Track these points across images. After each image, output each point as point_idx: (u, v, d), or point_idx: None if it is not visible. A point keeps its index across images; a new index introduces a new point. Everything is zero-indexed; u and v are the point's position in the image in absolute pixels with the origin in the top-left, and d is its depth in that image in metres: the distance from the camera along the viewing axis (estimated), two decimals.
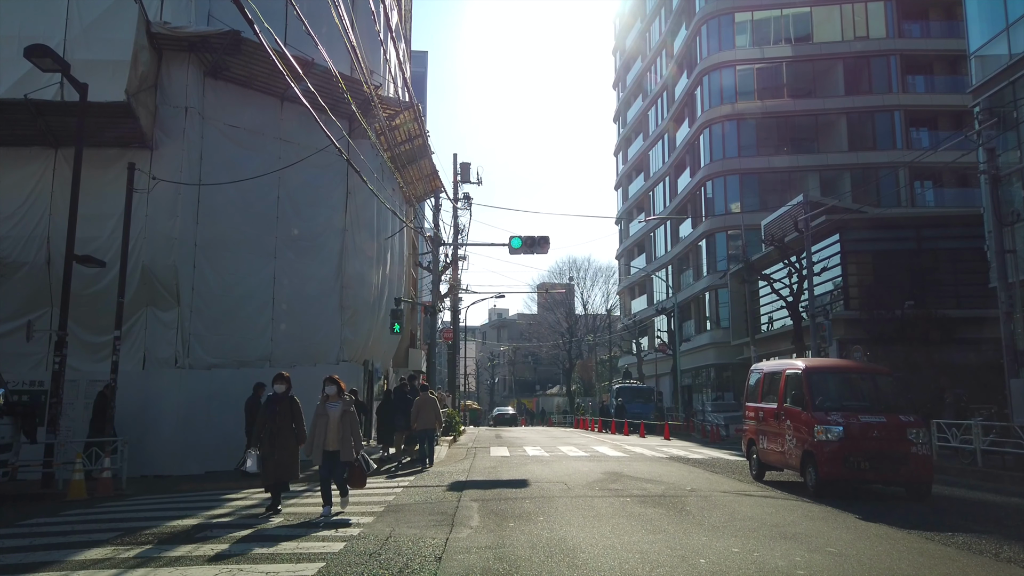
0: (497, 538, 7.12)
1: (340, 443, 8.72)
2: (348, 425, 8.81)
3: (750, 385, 13.30)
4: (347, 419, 8.85)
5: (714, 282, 39.98)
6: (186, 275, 15.36)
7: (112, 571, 5.92)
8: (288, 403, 9.17)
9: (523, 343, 77.06)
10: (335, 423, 8.75)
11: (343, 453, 8.74)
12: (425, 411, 15.22)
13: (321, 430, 8.73)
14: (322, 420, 8.78)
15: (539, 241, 22.61)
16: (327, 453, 8.71)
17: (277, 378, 9.33)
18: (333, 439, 8.70)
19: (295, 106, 17.77)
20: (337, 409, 8.80)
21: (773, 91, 41.78)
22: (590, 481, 11.95)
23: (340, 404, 8.87)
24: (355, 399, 18.32)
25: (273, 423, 9.02)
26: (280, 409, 9.10)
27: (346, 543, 6.93)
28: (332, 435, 8.69)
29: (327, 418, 8.77)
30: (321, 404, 8.93)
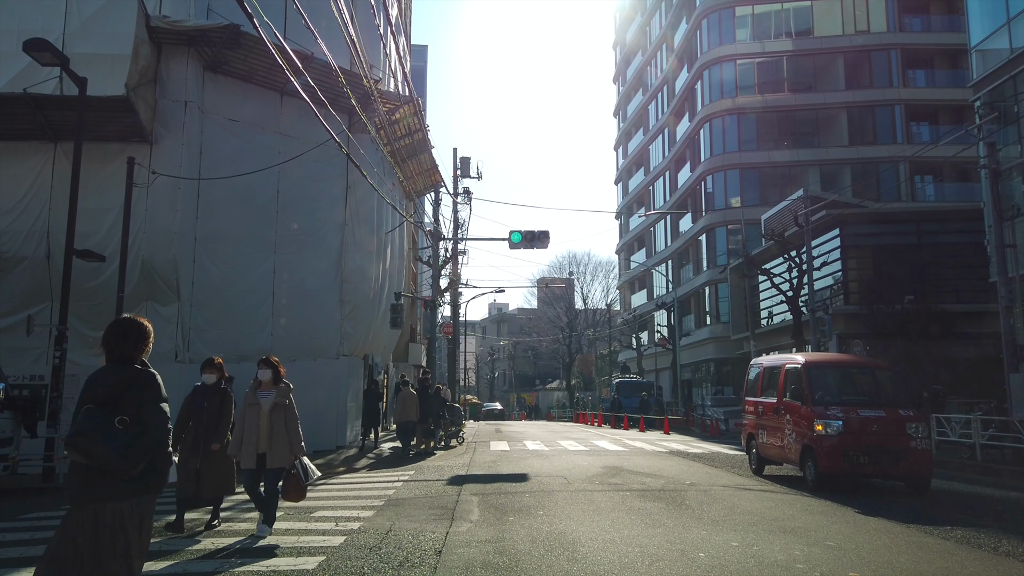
0: (497, 532, 7.14)
1: (270, 444, 7.05)
2: (282, 421, 7.09)
3: (750, 380, 13.32)
4: (280, 414, 7.11)
5: (714, 277, 39.97)
6: (186, 269, 15.38)
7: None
8: (219, 397, 7.63)
9: (523, 338, 77.13)
10: (266, 418, 7.10)
11: (271, 457, 7.04)
12: (408, 405, 16.39)
13: (251, 427, 7.12)
14: (251, 413, 7.15)
15: (539, 236, 22.62)
16: (257, 457, 7.08)
17: (206, 365, 7.83)
18: (264, 438, 7.06)
19: (295, 100, 17.78)
20: (269, 400, 7.14)
21: (773, 85, 41.69)
22: (590, 475, 11.97)
23: (274, 394, 7.20)
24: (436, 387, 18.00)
25: (200, 423, 7.51)
26: (209, 406, 7.56)
27: (346, 537, 6.95)
28: (263, 433, 7.06)
29: (257, 410, 7.13)
30: (251, 393, 7.28)
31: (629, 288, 58.79)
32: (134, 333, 3.75)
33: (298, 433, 7.13)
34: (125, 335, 3.74)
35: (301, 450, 7.12)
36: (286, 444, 7.06)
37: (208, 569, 5.83)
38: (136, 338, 3.74)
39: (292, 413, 7.21)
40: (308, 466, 7.14)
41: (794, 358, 11.97)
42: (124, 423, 3.48)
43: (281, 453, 7.05)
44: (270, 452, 7.05)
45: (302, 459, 7.09)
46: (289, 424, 7.11)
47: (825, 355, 11.94)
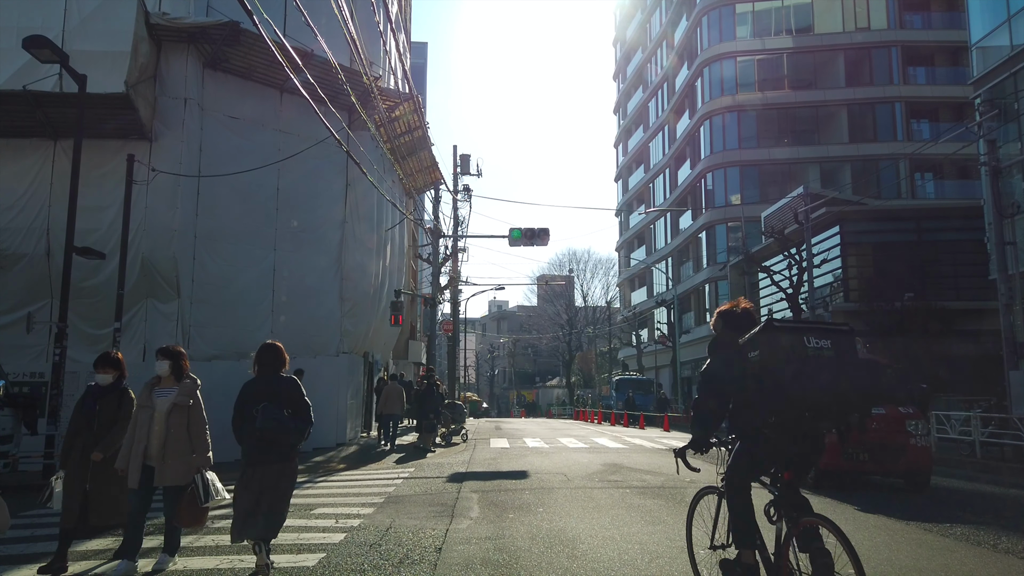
0: (497, 529, 7.15)
1: (163, 455, 5.61)
2: (183, 427, 5.71)
3: None
4: (181, 417, 5.71)
5: (714, 274, 39.98)
6: (186, 267, 15.39)
7: (115, 562, 5.93)
8: (115, 400, 6.06)
9: (523, 335, 77.17)
10: (161, 422, 5.66)
11: (161, 471, 5.61)
12: (392, 398, 17.25)
13: (141, 433, 5.66)
14: (143, 417, 5.70)
15: (539, 233, 22.64)
16: (145, 469, 5.63)
17: (100, 362, 6.14)
18: (155, 448, 5.63)
19: (294, 98, 17.76)
20: (168, 399, 5.72)
21: (774, 82, 41.67)
22: (590, 472, 11.98)
23: (175, 392, 5.77)
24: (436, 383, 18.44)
25: (90, 432, 5.94)
26: (102, 410, 5.96)
27: (346, 534, 6.96)
28: (155, 441, 5.64)
29: (150, 413, 5.70)
30: (145, 391, 5.82)
31: (629, 285, 58.80)
32: (280, 354, 5.81)
33: (205, 441, 5.82)
34: (276, 355, 5.77)
35: (206, 462, 5.73)
36: (185, 456, 5.65)
37: (208, 565, 5.84)
38: (281, 357, 5.80)
39: (198, 416, 5.83)
40: (212, 483, 5.62)
41: None
42: (290, 412, 5.47)
43: (176, 467, 5.59)
44: (161, 465, 5.58)
45: (205, 474, 5.63)
46: (193, 429, 5.74)
47: None
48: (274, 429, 5.34)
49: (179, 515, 5.60)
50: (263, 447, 5.42)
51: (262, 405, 5.42)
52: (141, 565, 5.78)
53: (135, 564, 5.66)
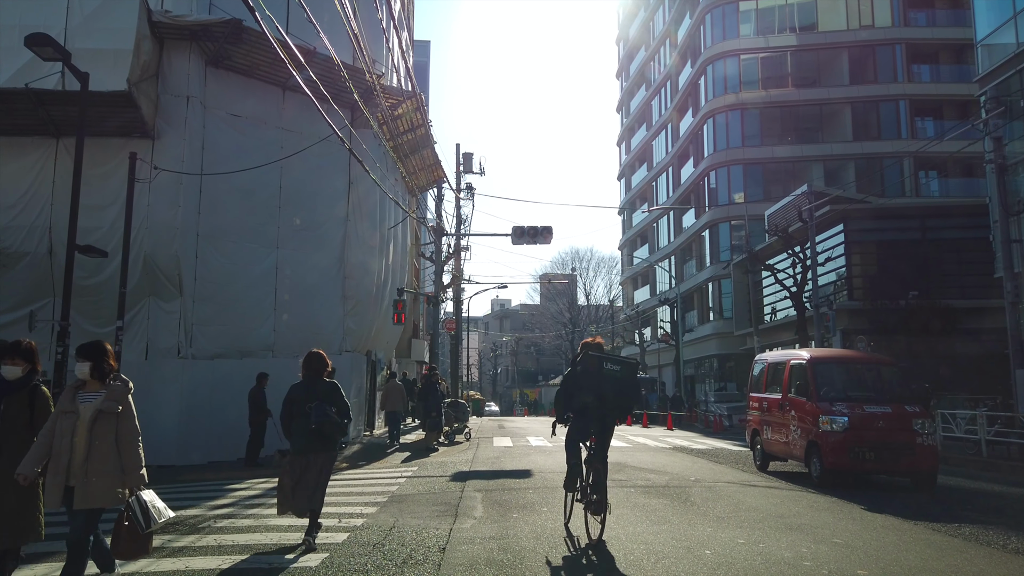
0: (501, 529, 7.10)
1: (85, 471, 4.55)
2: (110, 438, 4.64)
3: (754, 375, 13.26)
4: (108, 426, 4.64)
5: (717, 273, 39.89)
6: (188, 265, 15.33)
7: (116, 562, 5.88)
8: (25, 398, 4.88)
9: (525, 333, 77.13)
10: (84, 433, 4.61)
11: (81, 492, 4.54)
12: (393, 396, 17.64)
13: (62, 446, 4.60)
14: (64, 424, 4.63)
15: (542, 231, 22.59)
16: (66, 490, 4.59)
17: (8, 351, 4.89)
18: (77, 463, 4.58)
19: (297, 95, 17.69)
20: (92, 405, 4.64)
21: (777, 80, 41.53)
22: None
23: (101, 397, 4.68)
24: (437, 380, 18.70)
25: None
26: (8, 408, 4.81)
27: (349, 533, 6.91)
28: (77, 456, 4.59)
29: (73, 420, 4.64)
30: (66, 396, 4.76)
31: (632, 284, 58.71)
32: (324, 360, 6.88)
33: (137, 455, 4.73)
34: (320, 361, 6.82)
35: (140, 480, 4.70)
36: (113, 473, 4.60)
37: (210, 565, 5.79)
38: (324, 363, 6.87)
39: (129, 425, 4.72)
40: (151, 505, 4.70)
41: (799, 354, 11.91)
42: (334, 410, 6.50)
43: (102, 486, 4.56)
44: (82, 484, 4.54)
45: (140, 495, 4.67)
46: (123, 441, 4.65)
47: (830, 351, 11.88)
48: (326, 424, 6.41)
49: (116, 544, 4.75)
50: (313, 439, 6.45)
51: (315, 404, 6.45)
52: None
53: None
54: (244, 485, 11.24)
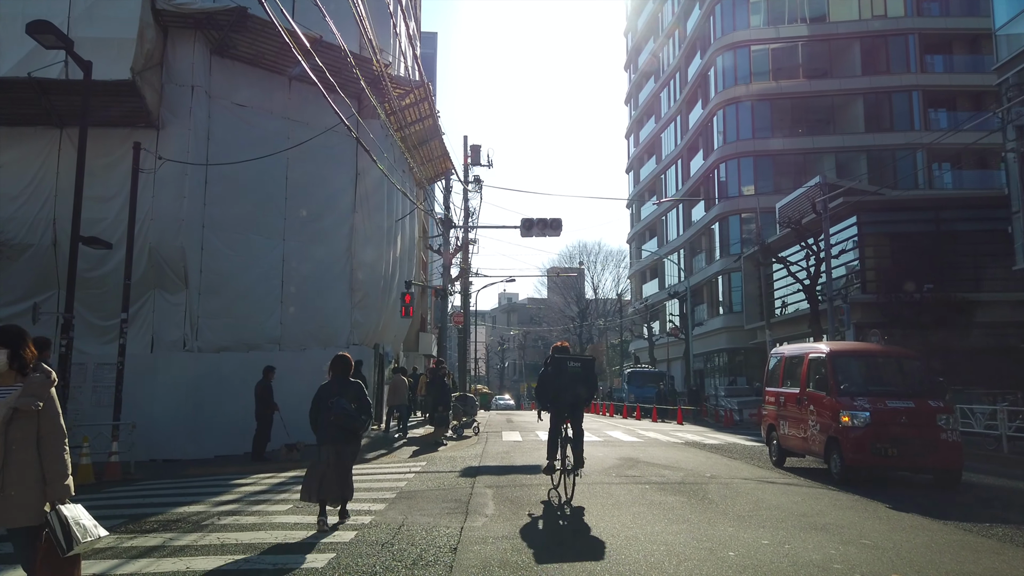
0: (514, 528, 6.85)
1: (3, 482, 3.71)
2: (29, 440, 3.76)
3: (770, 369, 12.95)
4: (27, 427, 3.76)
5: (727, 266, 39.52)
6: (194, 257, 15.12)
7: (114, 561, 5.67)
8: None
9: (533, 327, 76.85)
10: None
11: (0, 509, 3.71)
12: (399, 390, 17.87)
13: None
14: None
15: (552, 223, 22.32)
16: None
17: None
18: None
19: (303, 85, 17.45)
20: (6, 401, 3.73)
21: (788, 71, 41.04)
22: (606, 467, 11.67)
23: (17, 391, 3.76)
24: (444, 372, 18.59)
25: None
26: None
27: (357, 532, 6.67)
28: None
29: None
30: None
31: (640, 277, 58.36)
32: (348, 362, 7.53)
33: (62, 461, 3.86)
34: (345, 363, 7.46)
35: (64, 492, 3.82)
36: (32, 484, 3.76)
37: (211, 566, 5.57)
38: (349, 364, 7.51)
39: (51, 425, 3.85)
40: (75, 522, 3.77)
41: (818, 347, 11.60)
42: (355, 406, 7.16)
43: (24, 500, 3.74)
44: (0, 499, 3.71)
45: (60, 510, 3.76)
46: (45, 444, 3.81)
47: (850, 344, 11.56)
48: (343, 416, 7.09)
49: (36, 569, 3.80)
50: (335, 431, 7.15)
51: (334, 399, 7.14)
52: None
53: None
54: (250, 480, 11.03)
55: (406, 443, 16.77)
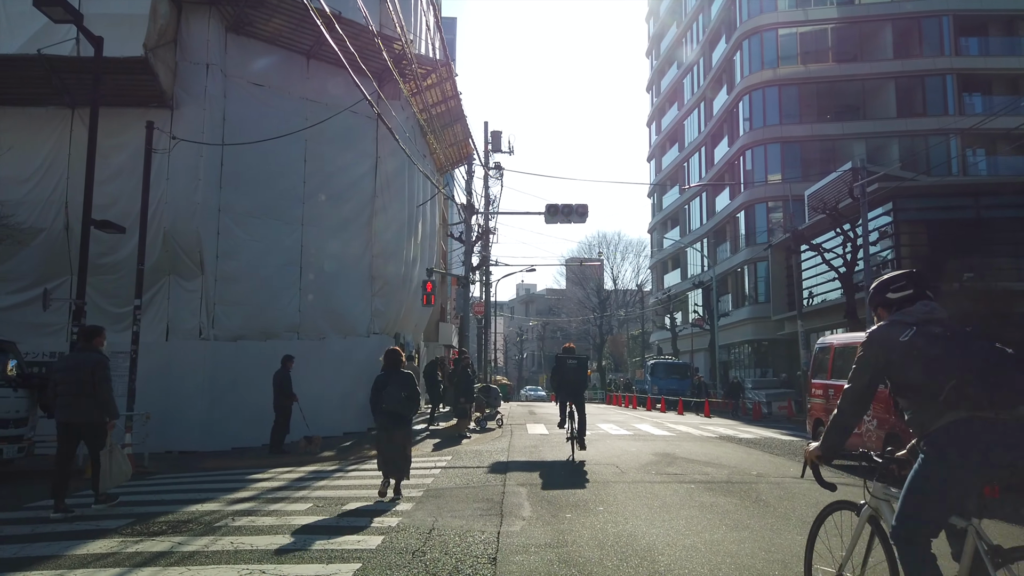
0: (556, 533, 6.20)
1: None
2: None
3: (817, 361, 12.17)
4: None
5: (753, 255, 38.59)
6: (210, 242, 14.58)
7: (114, 570, 5.09)
8: None
9: (552, 318, 76.14)
10: None
11: None
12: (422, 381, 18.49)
13: None
14: None
15: (577, 209, 21.60)
16: None
17: None
18: None
19: (322, 64, 16.84)
20: None
21: (817, 55, 39.90)
22: (643, 463, 11.00)
23: None
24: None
25: None
26: None
27: (384, 537, 6.05)
28: None
29: None
30: None
31: (662, 267, 57.44)
32: (399, 355, 8.50)
33: None
34: (396, 356, 8.44)
35: None
36: None
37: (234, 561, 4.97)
38: (400, 357, 8.48)
39: None
40: None
41: None
42: (405, 395, 8.09)
43: None
44: None
45: None
46: None
47: None
48: (396, 405, 8.07)
49: None
50: (386, 417, 8.16)
51: (387, 389, 8.10)
52: None
53: None
54: (268, 475, 10.48)
55: (428, 435, 16.20)
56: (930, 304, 3.21)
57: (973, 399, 2.84)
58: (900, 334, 3.11)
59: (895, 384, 3.20)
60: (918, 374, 3.01)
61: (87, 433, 7.64)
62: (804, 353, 25.83)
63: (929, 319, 3.16)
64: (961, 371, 2.90)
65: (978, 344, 3.01)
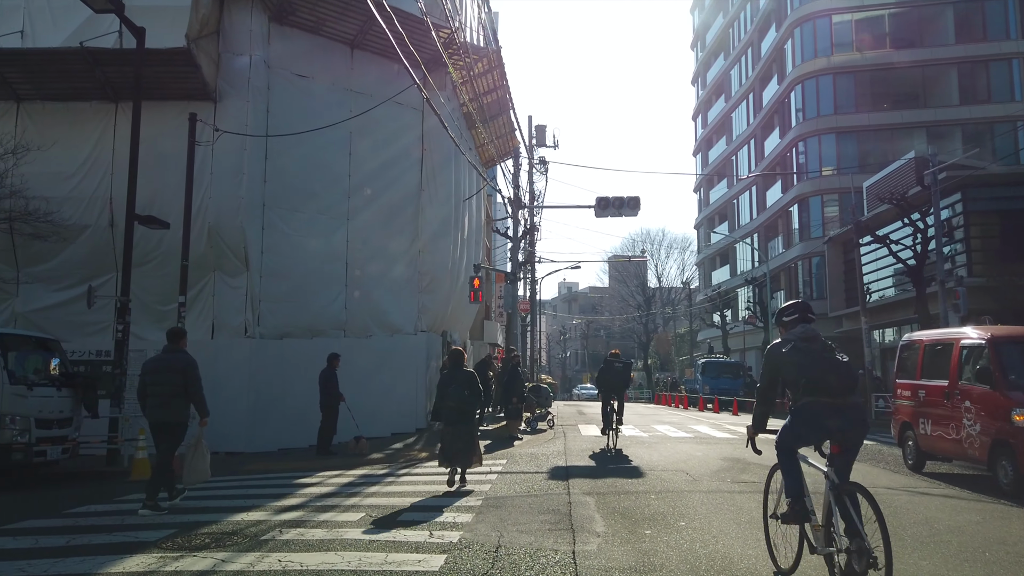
0: (639, 555, 5.49)
1: None
2: None
3: (903, 359, 11.20)
4: None
5: (807, 250, 37.22)
6: (254, 237, 14.18)
7: None
8: None
9: (596, 316, 75.10)
10: None
11: None
12: None
13: None
14: None
15: (629, 202, 20.78)
16: None
17: None
18: None
19: (366, 55, 16.37)
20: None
21: (873, 41, 38.29)
22: (714, 470, 10.21)
23: None
24: None
25: None
26: None
27: (446, 556, 5.41)
28: None
29: None
30: None
31: (710, 264, 56.07)
32: (462, 356, 9.23)
33: None
34: (460, 357, 9.14)
35: None
36: None
37: None
38: (463, 358, 9.21)
39: None
40: None
41: (965, 332, 9.85)
42: (468, 393, 8.73)
43: None
44: None
45: None
46: None
47: (1016, 328, 9.78)
48: (461, 402, 8.66)
49: None
50: (455, 414, 8.70)
51: (452, 388, 8.69)
52: None
53: None
54: (315, 479, 9.96)
55: (479, 437, 15.56)
56: (807, 327, 4.60)
57: (815, 389, 4.41)
58: (784, 347, 4.58)
59: (783, 379, 4.67)
60: (791, 373, 4.52)
61: (171, 432, 7.72)
62: (868, 351, 24.59)
63: (803, 338, 4.55)
64: (810, 372, 4.42)
65: (823, 356, 4.45)
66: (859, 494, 4.24)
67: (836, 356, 4.46)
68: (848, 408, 4.38)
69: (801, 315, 4.68)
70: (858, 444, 4.50)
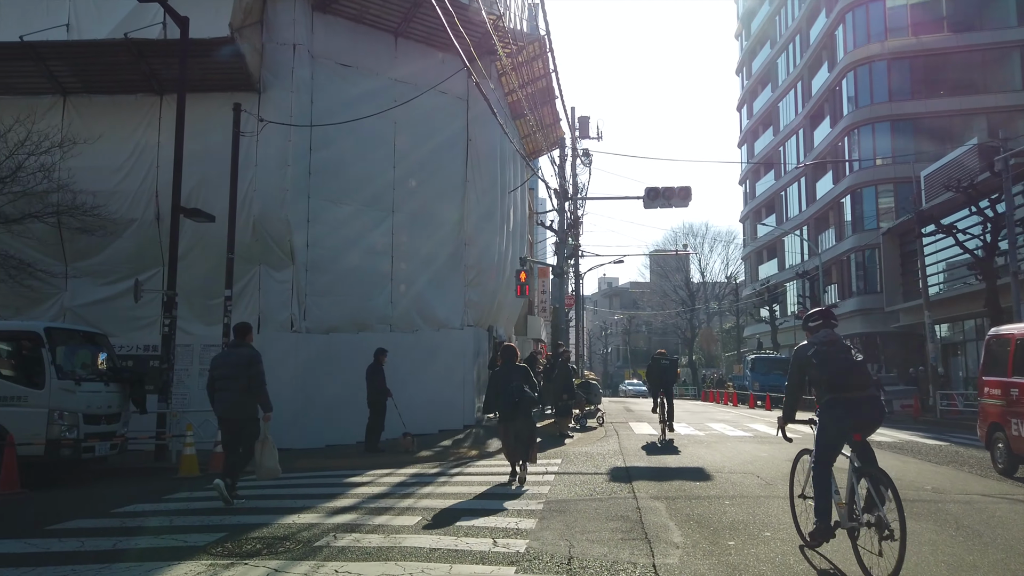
0: (728, 569, 4.95)
1: None
2: None
3: (992, 354, 10.41)
4: None
5: (862, 242, 35.94)
6: (300, 230, 13.93)
7: None
8: None
9: (639, 312, 74.09)
10: None
11: None
12: None
13: None
14: None
15: (679, 192, 20.09)
16: None
17: None
18: None
19: (410, 43, 16.02)
20: None
21: (930, 25, 36.73)
22: (785, 473, 9.52)
23: None
24: None
25: None
26: None
27: (515, 568, 4.95)
28: None
29: None
30: None
31: (756, 258, 54.75)
32: (515, 352, 9.29)
33: None
34: (512, 352, 9.21)
35: None
36: None
37: None
38: (516, 353, 9.27)
39: None
40: None
41: None
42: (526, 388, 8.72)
43: None
44: None
45: None
46: None
47: None
48: (522, 399, 8.56)
49: None
50: (512, 409, 8.62)
51: (514, 383, 8.62)
52: None
53: None
54: (366, 478, 9.61)
55: None
56: (829, 331, 5.21)
57: (836, 386, 5.01)
58: (808, 350, 5.18)
59: (809, 379, 5.24)
60: (815, 373, 5.10)
61: (243, 428, 7.74)
62: (932, 347, 23.52)
63: (826, 341, 5.14)
64: (831, 372, 5.01)
65: (841, 356, 5.02)
66: (877, 474, 4.76)
67: (852, 356, 5.05)
68: (865, 400, 4.97)
69: (824, 321, 5.30)
70: (874, 430, 5.14)
